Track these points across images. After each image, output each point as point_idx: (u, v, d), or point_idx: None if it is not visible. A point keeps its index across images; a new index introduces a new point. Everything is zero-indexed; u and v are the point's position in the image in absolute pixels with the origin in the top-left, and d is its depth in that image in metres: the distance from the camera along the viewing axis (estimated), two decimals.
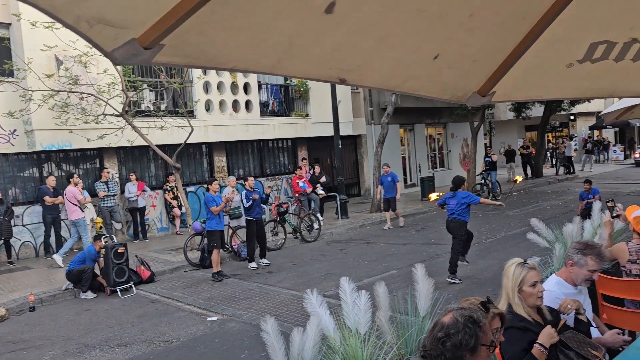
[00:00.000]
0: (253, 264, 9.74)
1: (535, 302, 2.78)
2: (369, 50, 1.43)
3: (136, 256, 9.41)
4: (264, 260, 9.94)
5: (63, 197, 10.74)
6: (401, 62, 1.54)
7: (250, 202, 9.62)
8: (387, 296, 3.22)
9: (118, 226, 12.85)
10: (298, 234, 11.86)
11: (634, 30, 1.61)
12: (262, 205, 9.95)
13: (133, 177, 12.65)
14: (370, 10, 1.30)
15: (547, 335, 2.61)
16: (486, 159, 17.89)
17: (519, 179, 7.38)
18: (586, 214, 8.17)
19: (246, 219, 9.80)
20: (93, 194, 12.08)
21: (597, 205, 5.92)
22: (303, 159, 16.61)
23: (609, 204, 4.70)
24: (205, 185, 14.57)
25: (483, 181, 17.44)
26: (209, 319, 7.02)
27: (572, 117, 31.74)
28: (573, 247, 3.10)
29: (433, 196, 8.21)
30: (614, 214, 4.60)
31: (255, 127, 15.30)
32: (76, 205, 10.46)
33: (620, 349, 2.72)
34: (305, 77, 1.51)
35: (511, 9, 1.49)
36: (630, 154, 31.78)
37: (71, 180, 10.73)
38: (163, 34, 1.13)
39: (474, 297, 2.85)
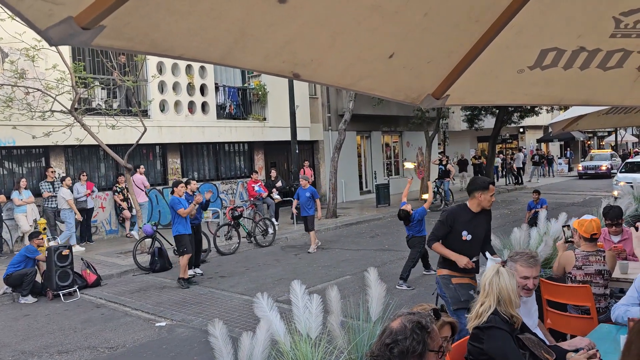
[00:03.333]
0: (190, 271, 9.20)
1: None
2: (323, 44, 1.40)
3: (82, 259, 9.03)
4: (197, 270, 9.35)
5: (132, 182, 12.06)
6: (356, 59, 1.52)
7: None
8: (339, 300, 3.19)
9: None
10: (252, 239, 11.72)
11: (582, 38, 1.65)
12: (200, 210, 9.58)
13: (84, 178, 12.17)
14: (325, 3, 1.27)
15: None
16: (440, 166, 18.23)
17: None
18: (533, 222, 8.46)
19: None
20: (37, 193, 11.54)
21: (543, 214, 6.12)
22: (272, 163, 16.55)
23: (565, 229, 4.69)
24: (159, 187, 14.27)
25: (436, 189, 17.79)
26: (157, 324, 6.80)
27: (521, 130, 32.96)
28: (507, 257, 3.17)
29: (408, 165, 8.11)
30: (568, 239, 4.58)
31: (212, 129, 15.07)
32: (143, 190, 12.75)
33: None
34: (258, 70, 1.46)
35: (465, 11, 1.50)
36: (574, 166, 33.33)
37: (137, 170, 12.85)
38: (103, 13, 1.05)
39: (427, 304, 2.86)
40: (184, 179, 10.87)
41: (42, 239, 8.54)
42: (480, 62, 1.74)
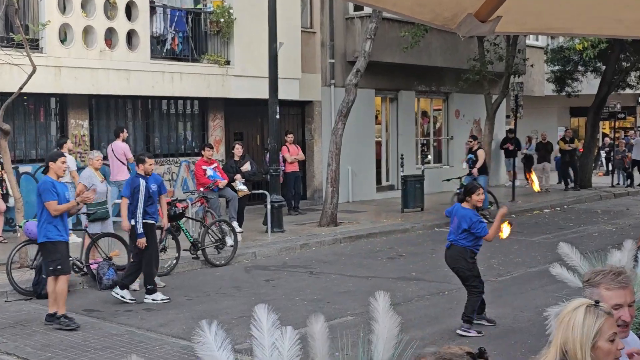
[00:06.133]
0: (130, 289, 9.70)
1: None
2: None
3: None
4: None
5: (110, 153, 13.51)
6: None
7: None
8: (326, 336, 3.32)
9: None
10: (200, 252, 11.86)
11: None
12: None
13: None
14: None
15: None
16: (469, 155, 17.36)
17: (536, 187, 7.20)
18: None
19: (144, 222, 9.66)
20: None
21: None
22: (237, 133, 16.70)
23: None
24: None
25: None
26: None
27: None
28: (583, 280, 3.27)
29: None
30: None
31: (142, 74, 15.14)
32: (124, 164, 13.56)
33: None
34: None
35: None
36: None
37: (120, 134, 13.66)
38: None
39: (459, 346, 3.03)
40: (94, 152, 10.96)
41: None
42: None
